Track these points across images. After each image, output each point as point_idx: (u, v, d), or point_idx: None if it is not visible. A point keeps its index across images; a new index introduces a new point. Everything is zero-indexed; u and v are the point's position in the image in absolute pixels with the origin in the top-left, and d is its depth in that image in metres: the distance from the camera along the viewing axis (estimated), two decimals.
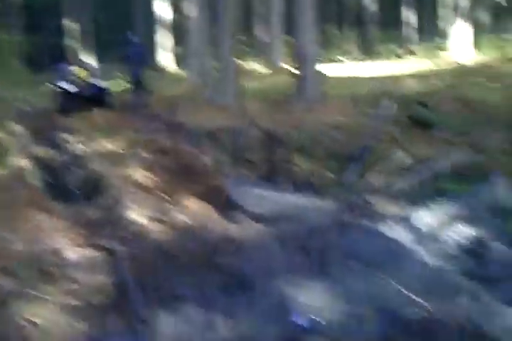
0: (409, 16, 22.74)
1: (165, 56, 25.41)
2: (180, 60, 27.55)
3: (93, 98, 16.10)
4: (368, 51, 23.40)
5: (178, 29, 33.83)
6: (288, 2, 33.45)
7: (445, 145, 8.62)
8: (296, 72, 11.17)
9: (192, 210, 6.83)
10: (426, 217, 5.59)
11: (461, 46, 18.36)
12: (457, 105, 10.83)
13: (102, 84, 16.38)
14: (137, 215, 6.59)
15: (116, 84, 19.65)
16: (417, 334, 4.05)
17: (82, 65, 16.54)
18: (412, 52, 20.96)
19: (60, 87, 15.86)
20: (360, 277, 4.80)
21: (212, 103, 13.73)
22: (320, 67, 11.69)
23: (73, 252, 5.59)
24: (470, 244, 5.30)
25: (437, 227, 5.46)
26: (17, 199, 7.19)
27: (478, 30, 21.60)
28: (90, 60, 26.11)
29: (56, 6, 42.54)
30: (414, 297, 4.38)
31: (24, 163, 9.06)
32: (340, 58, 20.82)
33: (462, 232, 5.37)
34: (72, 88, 15.72)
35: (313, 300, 4.57)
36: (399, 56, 20.62)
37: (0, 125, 12.78)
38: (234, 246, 5.53)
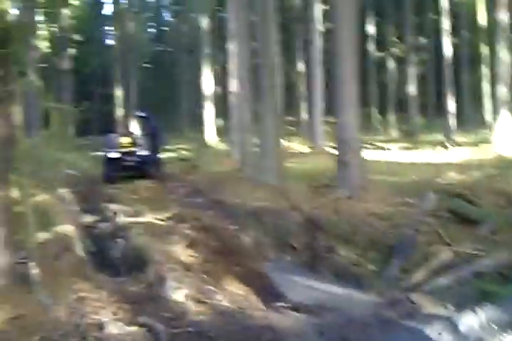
0: (452, 105, 22.95)
1: (209, 130, 25.91)
2: (224, 135, 28.21)
3: (138, 167, 16.48)
4: (410, 138, 23.60)
5: (223, 104, 34.91)
6: (331, 83, 34.47)
7: (488, 242, 8.57)
8: (338, 154, 11.28)
9: (232, 293, 6.86)
10: (468, 319, 5.53)
11: (504, 138, 18.43)
12: (500, 199, 10.78)
13: (147, 153, 16.72)
14: (178, 294, 6.64)
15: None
16: None
17: (129, 134, 16.93)
18: (454, 142, 21.05)
19: (107, 155, 16.28)
20: None
21: (253, 181, 13.87)
22: (363, 152, 11.79)
23: (115, 327, 5.61)
24: None
25: (479, 331, 5.40)
26: (62, 267, 7.30)
27: None
28: (136, 129, 26.74)
29: (105, 75, 44.27)
30: None
31: (70, 230, 9.21)
32: (382, 145, 20.99)
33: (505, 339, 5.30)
34: (117, 156, 16.11)
35: None
36: (441, 145, 20.71)
37: (49, 190, 13.11)
38: (273, 333, 5.52)
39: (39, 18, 26.46)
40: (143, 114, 18.80)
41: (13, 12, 5.87)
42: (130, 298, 6.72)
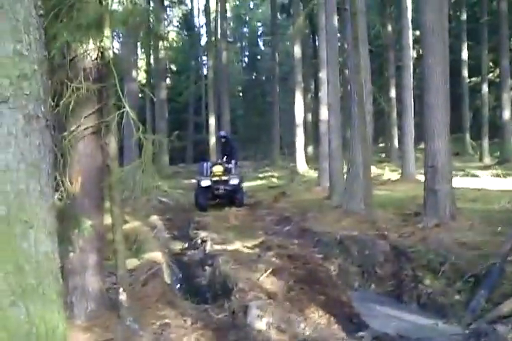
0: None
1: (299, 158, 26.08)
2: (314, 162, 28.29)
3: (228, 195, 16.83)
4: (504, 165, 22.88)
5: (314, 132, 35.05)
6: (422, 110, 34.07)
7: None
8: (426, 181, 11.12)
9: (315, 322, 6.84)
10: None
11: None
12: None
13: (237, 182, 17.02)
14: (260, 322, 6.69)
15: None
16: None
17: (221, 162, 17.34)
18: None
19: (200, 183, 16.70)
20: None
21: (341, 209, 13.84)
22: (454, 179, 11.55)
23: None
24: None
25: None
26: (149, 294, 7.50)
27: None
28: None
29: (198, 104, 45.46)
30: None
31: (159, 257, 9.47)
32: (475, 172, 20.46)
33: None
34: (209, 184, 16.49)
35: None
36: None
37: (142, 217, 13.57)
38: None
39: (137, 50, 27.51)
40: (224, 134, 19.41)
41: (114, 46, 6.23)
42: (213, 325, 6.84)
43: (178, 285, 9.02)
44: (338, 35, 17.69)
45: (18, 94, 2.69)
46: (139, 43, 24.91)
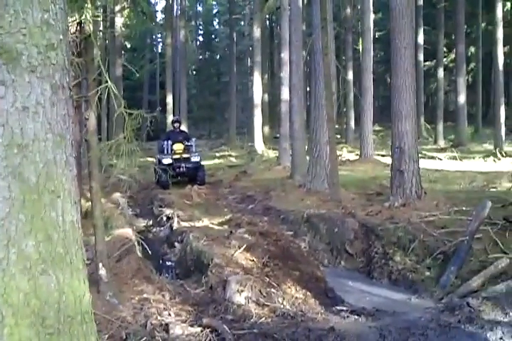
0: (503, 115, 22.69)
1: (257, 138, 26.11)
2: (270, 142, 28.39)
3: (189, 173, 16.81)
4: (459, 148, 23.44)
5: (270, 112, 35.14)
6: (383, 90, 34.59)
7: None
8: (392, 162, 11.34)
9: (292, 296, 6.97)
10: None
11: None
12: None
13: (198, 160, 17.02)
14: (239, 296, 6.78)
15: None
16: None
17: (181, 140, 17.26)
18: (505, 152, 20.84)
19: (160, 161, 16.64)
20: None
21: (304, 188, 13.99)
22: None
23: (180, 328, 5.75)
24: None
25: None
26: (124, 269, 7.51)
27: None
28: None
29: (152, 82, 45.00)
30: None
31: (129, 232, 9.46)
32: (432, 154, 20.94)
33: None
34: (170, 162, 16.42)
35: None
36: (491, 155, 20.53)
37: (105, 195, 13.45)
38: (335, 335, 5.60)
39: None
40: (179, 119, 19.52)
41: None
42: (191, 299, 6.91)
43: (150, 261, 9.03)
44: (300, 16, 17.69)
45: (46, 64, 2.68)
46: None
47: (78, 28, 6.26)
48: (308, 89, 27.11)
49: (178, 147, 17.07)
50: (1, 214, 2.51)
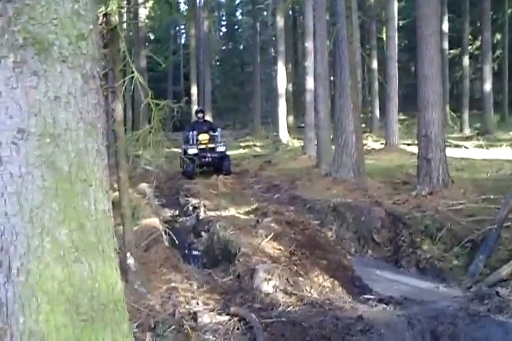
0: None
1: (282, 127, 26.09)
2: (295, 132, 28.33)
3: (215, 162, 16.85)
4: (485, 136, 23.16)
5: (294, 101, 35.03)
6: (407, 79, 34.32)
7: None
8: (419, 151, 11.28)
9: (320, 285, 6.99)
10: None
11: None
12: None
13: (223, 150, 17.04)
14: (267, 285, 6.81)
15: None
16: None
17: (207, 130, 17.28)
18: None
19: (186, 151, 16.68)
20: None
21: (330, 177, 13.97)
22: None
23: (208, 316, 5.79)
24: None
25: None
26: (152, 258, 7.57)
27: None
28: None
29: (176, 73, 45.04)
30: None
31: (157, 222, 9.53)
32: (458, 143, 20.73)
33: None
34: (196, 152, 16.46)
35: None
36: None
37: (132, 185, 13.54)
38: (363, 324, 5.61)
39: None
40: (202, 108, 19.57)
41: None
42: (219, 288, 6.95)
43: (178, 250, 9.09)
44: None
45: (76, 54, 2.70)
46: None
47: (104, 19, 6.28)
48: (332, 78, 26.99)
49: (204, 137, 17.10)
50: (35, 203, 2.54)
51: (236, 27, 58.07)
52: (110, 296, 2.78)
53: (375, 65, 28.61)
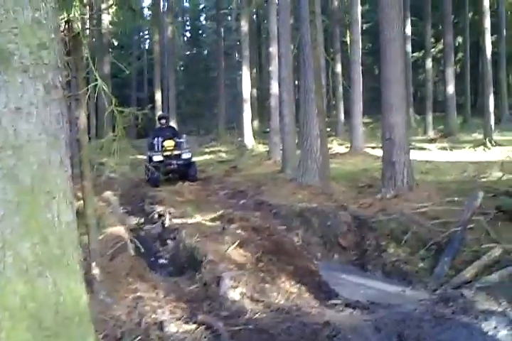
0: (492, 104, 22.79)
1: (247, 132, 26.10)
2: (260, 137, 28.36)
3: (181, 169, 16.77)
4: (448, 138, 23.51)
5: (263, 106, 35.10)
6: (372, 82, 34.61)
7: None
8: (383, 154, 11.39)
9: (287, 291, 6.98)
10: None
11: None
12: None
13: (189, 156, 16.99)
14: (234, 292, 6.79)
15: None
16: None
17: (172, 136, 17.21)
18: (495, 141, 20.92)
19: (151, 158, 16.58)
20: None
21: (295, 182, 13.99)
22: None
23: (174, 325, 5.75)
24: None
25: None
26: (117, 267, 7.49)
27: None
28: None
29: (139, 79, 44.80)
30: None
31: (122, 231, 9.43)
32: (421, 145, 21.02)
33: None
34: (161, 159, 16.37)
35: None
36: (481, 144, 20.63)
37: (96, 193, 13.38)
38: (330, 329, 5.61)
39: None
40: (166, 114, 19.53)
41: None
42: (186, 296, 6.90)
43: (143, 259, 9.00)
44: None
45: (38, 63, 2.66)
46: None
47: (66, 26, 6.21)
48: (297, 82, 27.12)
49: (169, 144, 17.02)
50: None
51: (200, 32, 58.05)
52: (75, 310, 2.74)
53: (339, 68, 28.85)
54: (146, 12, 46.15)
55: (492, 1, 28.58)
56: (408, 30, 29.80)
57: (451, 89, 26.40)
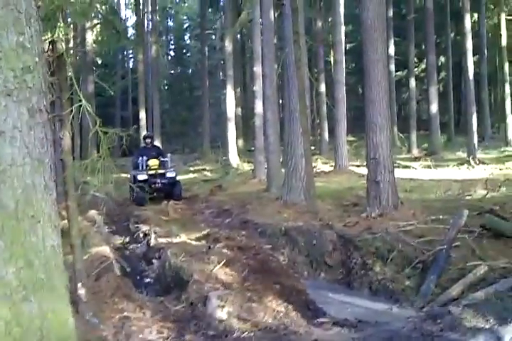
0: (475, 123, 23.03)
1: (231, 151, 26.15)
2: (245, 155, 28.41)
3: (165, 188, 16.74)
4: (432, 157, 23.68)
5: (247, 125, 35.20)
6: (356, 101, 34.90)
7: None
8: (368, 173, 11.44)
9: (274, 309, 6.96)
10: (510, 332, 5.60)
11: None
12: None
13: (173, 175, 16.99)
14: (221, 312, 6.76)
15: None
16: None
17: (157, 155, 17.22)
18: (478, 159, 21.12)
19: (135, 177, 16.54)
20: None
21: (281, 201, 13.99)
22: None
23: None
24: None
25: None
26: (103, 288, 7.45)
27: None
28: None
29: (124, 98, 44.81)
30: None
31: (107, 250, 9.39)
32: (407, 163, 21.16)
33: None
34: (146, 178, 16.35)
35: None
36: (465, 163, 20.82)
37: (80, 213, 13.30)
38: None
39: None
40: (151, 134, 19.54)
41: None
42: (172, 316, 6.87)
43: (129, 278, 8.96)
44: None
45: (22, 87, 2.67)
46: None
47: (50, 46, 6.22)
48: (281, 101, 27.27)
49: (153, 163, 17.03)
50: None
51: (184, 51, 58.28)
52: (61, 333, 2.73)
53: (323, 88, 29.03)
54: (131, 32, 46.35)
55: (473, 23, 29.04)
56: (391, 50, 30.15)
57: (434, 107, 26.64)
